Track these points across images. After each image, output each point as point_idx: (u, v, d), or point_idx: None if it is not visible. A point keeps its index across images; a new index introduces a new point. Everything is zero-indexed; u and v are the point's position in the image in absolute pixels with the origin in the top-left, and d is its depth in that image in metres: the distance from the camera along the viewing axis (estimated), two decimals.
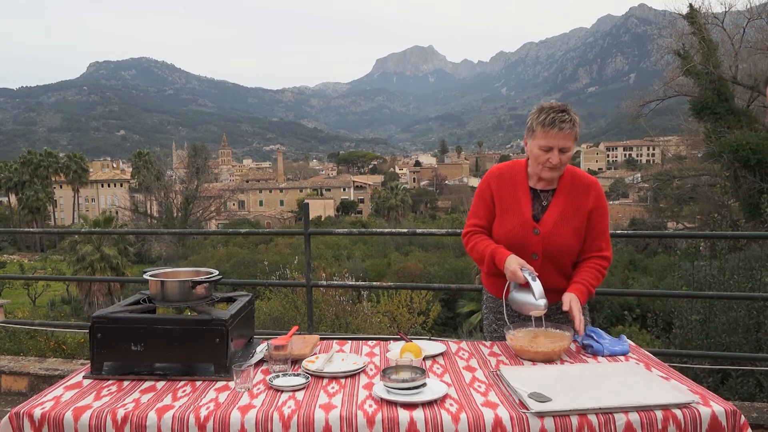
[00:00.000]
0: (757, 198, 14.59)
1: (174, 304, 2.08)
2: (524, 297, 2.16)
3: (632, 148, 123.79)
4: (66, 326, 6.96)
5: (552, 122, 2.19)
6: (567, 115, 2.20)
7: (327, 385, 1.86)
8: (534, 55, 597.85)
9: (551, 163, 2.22)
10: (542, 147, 2.22)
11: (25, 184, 59.46)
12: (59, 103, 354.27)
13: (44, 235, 54.75)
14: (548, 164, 2.23)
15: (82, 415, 1.64)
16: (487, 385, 1.85)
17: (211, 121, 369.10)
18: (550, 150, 2.21)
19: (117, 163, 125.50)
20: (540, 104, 2.29)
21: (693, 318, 5.74)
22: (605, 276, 2.37)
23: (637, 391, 1.73)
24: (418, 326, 15.60)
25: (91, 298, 24.01)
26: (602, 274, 2.35)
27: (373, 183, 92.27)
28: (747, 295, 5.42)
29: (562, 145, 2.20)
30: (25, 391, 4.14)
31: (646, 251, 26.42)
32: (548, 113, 2.21)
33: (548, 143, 2.20)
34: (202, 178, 49.51)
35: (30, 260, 44.71)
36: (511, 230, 2.31)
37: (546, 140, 2.21)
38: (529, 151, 2.32)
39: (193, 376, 1.91)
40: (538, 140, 2.23)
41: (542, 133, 2.21)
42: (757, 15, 20.24)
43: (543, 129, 2.21)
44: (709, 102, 17.85)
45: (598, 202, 2.34)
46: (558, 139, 2.19)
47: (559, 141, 2.20)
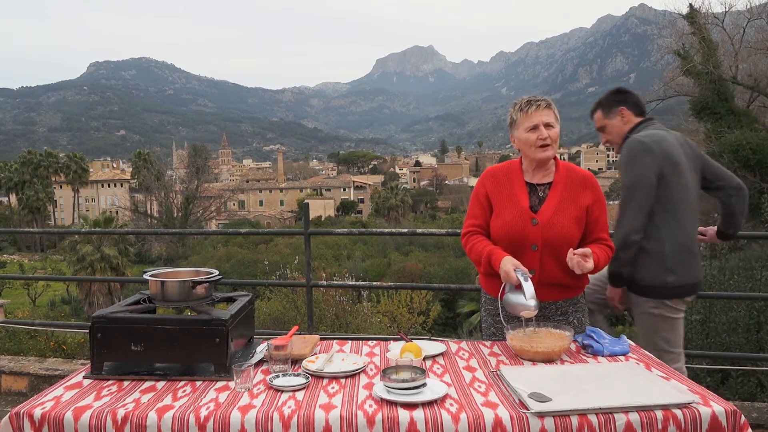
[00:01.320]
0: (757, 198, 14.58)
1: (174, 304, 2.08)
2: (516, 298, 2.16)
3: None
4: (66, 326, 6.95)
5: (528, 103, 2.31)
6: (540, 98, 2.32)
7: (327, 385, 1.86)
8: (534, 55, 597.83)
9: (542, 139, 2.28)
10: (527, 128, 2.30)
11: (25, 184, 59.51)
12: (59, 103, 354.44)
13: (44, 235, 54.74)
14: (539, 141, 2.28)
15: (82, 415, 1.64)
16: (487, 385, 1.85)
17: (211, 121, 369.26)
18: (537, 128, 2.28)
19: (117, 163, 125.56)
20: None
21: (693, 318, 5.73)
22: (611, 258, 2.38)
23: (638, 391, 1.73)
24: (418, 326, 15.61)
25: (91, 298, 24.03)
26: (608, 255, 2.34)
27: (373, 183, 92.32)
28: (747, 294, 5.42)
29: (546, 120, 2.28)
30: (25, 391, 4.14)
31: None
32: (521, 101, 2.36)
33: (532, 121, 2.29)
34: (202, 178, 49.51)
35: (30, 260, 44.72)
36: (509, 222, 2.31)
37: (529, 119, 2.30)
38: (518, 141, 2.36)
39: (193, 376, 1.91)
40: (523, 124, 2.31)
41: (523, 116, 2.32)
42: (758, 15, 20.23)
43: (522, 113, 2.33)
44: (709, 102, 17.84)
45: (596, 195, 2.36)
46: (539, 116, 2.29)
47: (542, 116, 2.28)
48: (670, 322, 2.69)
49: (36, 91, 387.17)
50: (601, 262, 2.30)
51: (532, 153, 2.31)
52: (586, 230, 2.35)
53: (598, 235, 2.36)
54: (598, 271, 2.34)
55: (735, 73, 19.58)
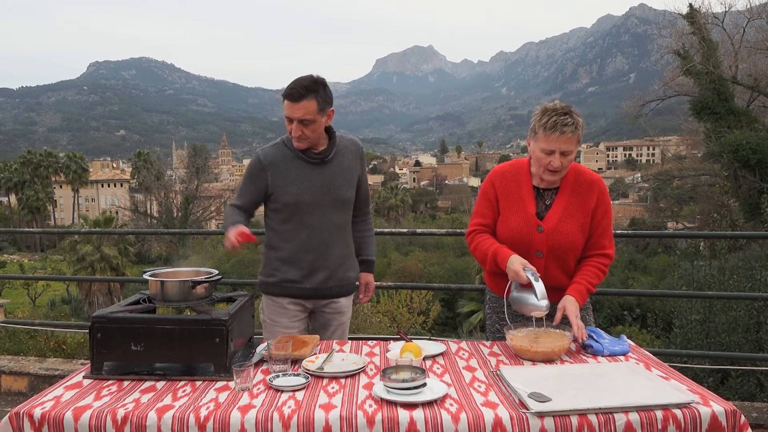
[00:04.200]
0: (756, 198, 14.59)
1: (174, 304, 2.08)
2: (526, 297, 2.16)
3: (632, 148, 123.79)
4: (66, 326, 6.94)
5: (554, 126, 2.16)
6: (570, 118, 2.17)
7: (327, 385, 1.86)
8: (534, 54, 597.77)
9: (552, 167, 2.22)
10: (544, 150, 2.21)
11: (25, 184, 59.51)
12: (59, 103, 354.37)
13: (44, 235, 54.73)
14: (549, 167, 2.22)
15: (82, 415, 1.64)
16: (487, 385, 1.85)
17: (211, 120, 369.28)
18: (552, 153, 2.20)
19: (117, 163, 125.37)
20: (543, 105, 2.27)
21: (693, 318, 5.74)
22: (606, 273, 2.37)
23: (637, 391, 1.73)
24: (418, 326, 15.62)
25: (91, 298, 24.03)
26: (603, 272, 2.34)
27: (373, 183, 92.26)
28: (747, 294, 5.42)
29: (564, 149, 2.19)
30: (25, 391, 4.14)
31: (646, 251, 26.44)
32: (551, 116, 2.18)
33: (550, 146, 2.19)
34: (202, 178, 49.43)
35: (30, 260, 44.73)
36: (515, 228, 2.31)
37: (548, 143, 2.19)
38: (531, 152, 2.32)
39: (193, 376, 1.91)
40: (540, 143, 2.21)
41: (544, 136, 2.19)
42: (757, 15, 20.24)
43: (545, 132, 2.19)
44: (709, 102, 17.85)
45: (602, 199, 2.34)
46: (560, 143, 2.18)
47: (561, 145, 2.18)
48: None
49: (36, 91, 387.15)
50: (594, 286, 2.32)
51: (540, 171, 2.29)
52: (588, 235, 2.34)
53: (599, 241, 2.35)
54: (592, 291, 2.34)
55: (735, 72, 19.59)
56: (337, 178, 2.50)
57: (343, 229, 2.59)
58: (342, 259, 2.58)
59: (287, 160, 2.46)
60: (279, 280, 2.53)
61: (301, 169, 2.46)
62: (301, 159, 2.46)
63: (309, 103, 2.32)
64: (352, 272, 2.66)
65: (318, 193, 2.46)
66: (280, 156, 2.47)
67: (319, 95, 2.35)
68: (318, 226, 2.49)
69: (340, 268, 2.57)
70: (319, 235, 2.49)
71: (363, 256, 2.78)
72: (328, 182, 2.48)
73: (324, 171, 2.47)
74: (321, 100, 2.36)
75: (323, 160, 2.47)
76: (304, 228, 2.48)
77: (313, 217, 2.48)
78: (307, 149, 2.45)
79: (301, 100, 2.31)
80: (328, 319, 2.63)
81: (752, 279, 5.99)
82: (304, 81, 2.34)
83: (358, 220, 2.71)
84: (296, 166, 2.46)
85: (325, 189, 2.48)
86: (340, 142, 2.55)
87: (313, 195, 2.46)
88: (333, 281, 2.56)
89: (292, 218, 2.48)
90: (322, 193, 2.47)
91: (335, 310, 2.63)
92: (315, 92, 2.33)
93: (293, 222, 2.48)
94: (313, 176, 2.46)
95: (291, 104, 2.33)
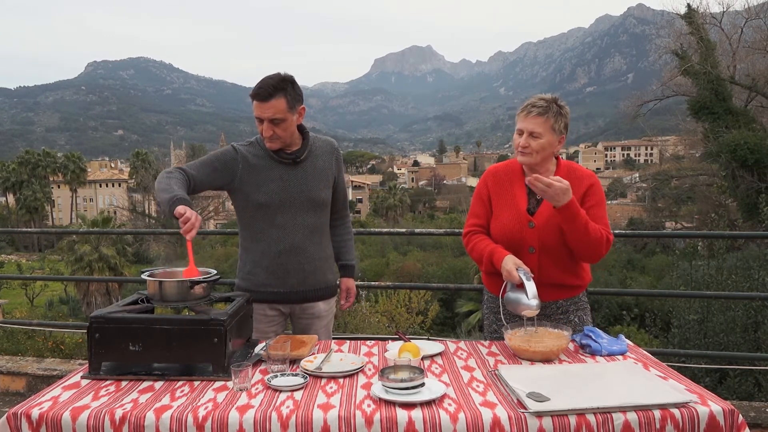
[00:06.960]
0: (754, 197, 14.61)
1: (172, 304, 2.07)
2: (518, 297, 2.16)
3: (630, 148, 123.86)
4: (64, 326, 6.93)
5: (524, 107, 2.30)
6: (543, 102, 2.26)
7: (325, 385, 1.85)
8: (532, 54, 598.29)
9: (521, 146, 2.29)
10: (517, 131, 2.31)
11: (23, 184, 59.43)
12: (57, 103, 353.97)
13: (42, 235, 54.63)
14: (519, 148, 2.30)
15: (80, 415, 1.64)
16: (486, 384, 1.85)
17: (210, 120, 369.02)
18: (522, 134, 2.29)
19: (115, 162, 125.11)
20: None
21: (691, 317, 5.75)
22: (601, 237, 2.22)
23: (635, 390, 1.73)
24: (417, 326, 15.63)
25: (89, 298, 23.97)
26: (600, 232, 2.22)
27: (371, 183, 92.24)
28: (745, 294, 5.43)
29: (531, 129, 2.25)
30: (23, 391, 4.13)
31: (644, 251, 26.47)
32: (527, 101, 2.32)
33: (519, 127, 2.30)
34: None
35: (28, 260, 44.65)
36: (506, 225, 2.32)
37: (519, 123, 2.31)
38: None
39: (191, 376, 1.90)
40: (517, 126, 2.33)
41: (517, 118, 2.34)
42: (755, 15, 20.27)
43: (518, 115, 2.33)
44: (707, 102, 17.86)
45: (592, 189, 2.32)
46: (526, 123, 2.26)
47: (528, 124, 2.26)
48: None
49: (34, 90, 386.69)
50: (588, 221, 2.18)
51: (516, 156, 2.36)
52: None
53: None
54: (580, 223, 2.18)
55: (733, 72, 19.62)
56: (310, 179, 2.45)
57: (317, 232, 2.52)
58: (317, 261, 2.52)
59: (259, 159, 2.42)
60: (252, 283, 2.49)
61: (273, 169, 2.41)
62: (273, 159, 2.41)
63: (278, 102, 2.29)
64: (329, 275, 2.59)
65: (290, 193, 2.42)
66: (253, 154, 2.43)
67: (288, 93, 2.31)
68: (289, 227, 2.43)
69: (316, 271, 2.52)
70: (290, 236, 2.44)
71: (343, 261, 2.73)
72: (300, 183, 2.43)
73: (297, 171, 2.43)
74: (290, 98, 2.32)
75: (295, 160, 2.42)
76: (273, 228, 2.43)
77: (284, 218, 2.43)
78: (279, 149, 2.41)
79: (270, 99, 2.28)
80: (306, 324, 2.57)
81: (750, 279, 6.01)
82: (272, 80, 2.30)
83: (336, 224, 2.68)
84: (269, 166, 2.41)
85: (298, 190, 2.43)
86: (315, 142, 2.52)
87: (284, 195, 2.41)
88: (307, 285, 2.50)
89: (263, 218, 2.44)
90: (295, 194, 2.42)
91: (313, 315, 2.57)
92: (284, 90, 2.29)
93: (263, 221, 2.44)
94: (285, 176, 2.42)
95: (260, 104, 2.30)
